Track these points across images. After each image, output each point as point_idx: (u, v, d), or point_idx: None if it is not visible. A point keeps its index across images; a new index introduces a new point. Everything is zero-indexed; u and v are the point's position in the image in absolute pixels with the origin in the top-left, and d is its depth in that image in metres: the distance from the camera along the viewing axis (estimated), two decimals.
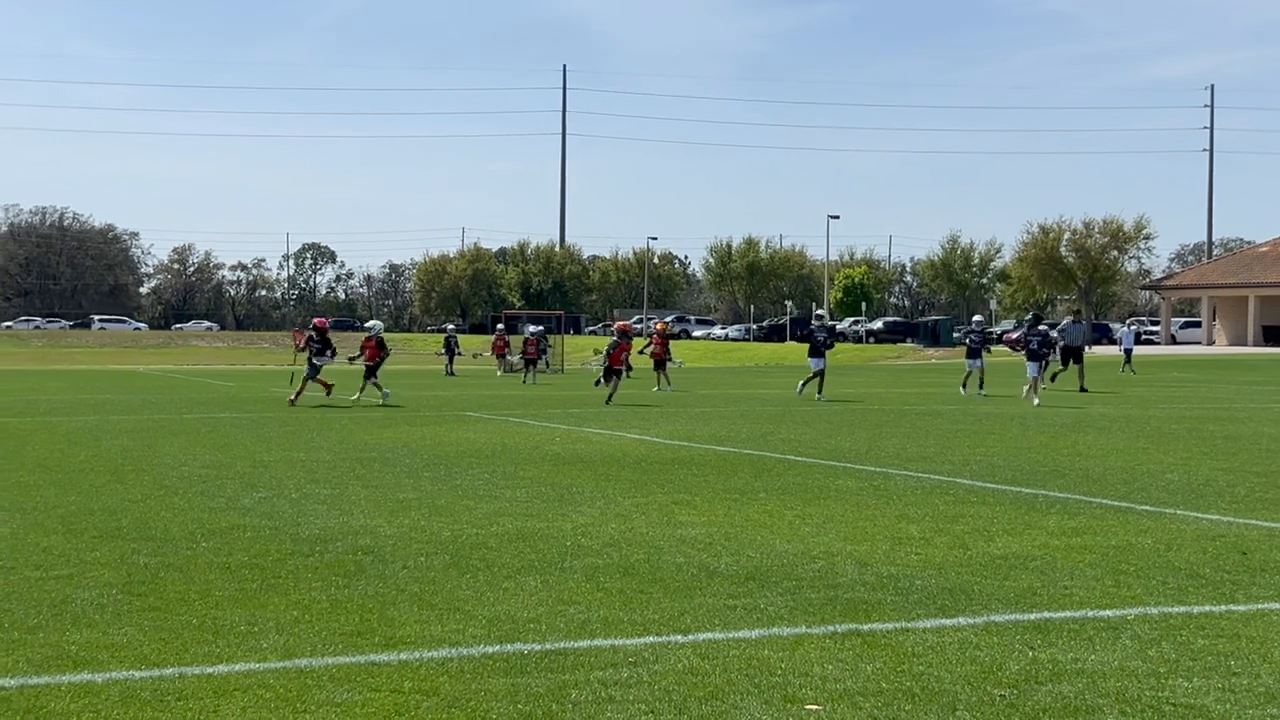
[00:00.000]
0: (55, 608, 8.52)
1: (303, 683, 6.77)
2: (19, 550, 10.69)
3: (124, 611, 8.43)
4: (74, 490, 14.78)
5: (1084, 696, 6.59)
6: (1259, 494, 14.74)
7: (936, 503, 13.86)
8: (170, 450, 19.89)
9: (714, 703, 6.43)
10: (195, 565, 10.07)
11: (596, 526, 12.02)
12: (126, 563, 10.13)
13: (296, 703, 6.42)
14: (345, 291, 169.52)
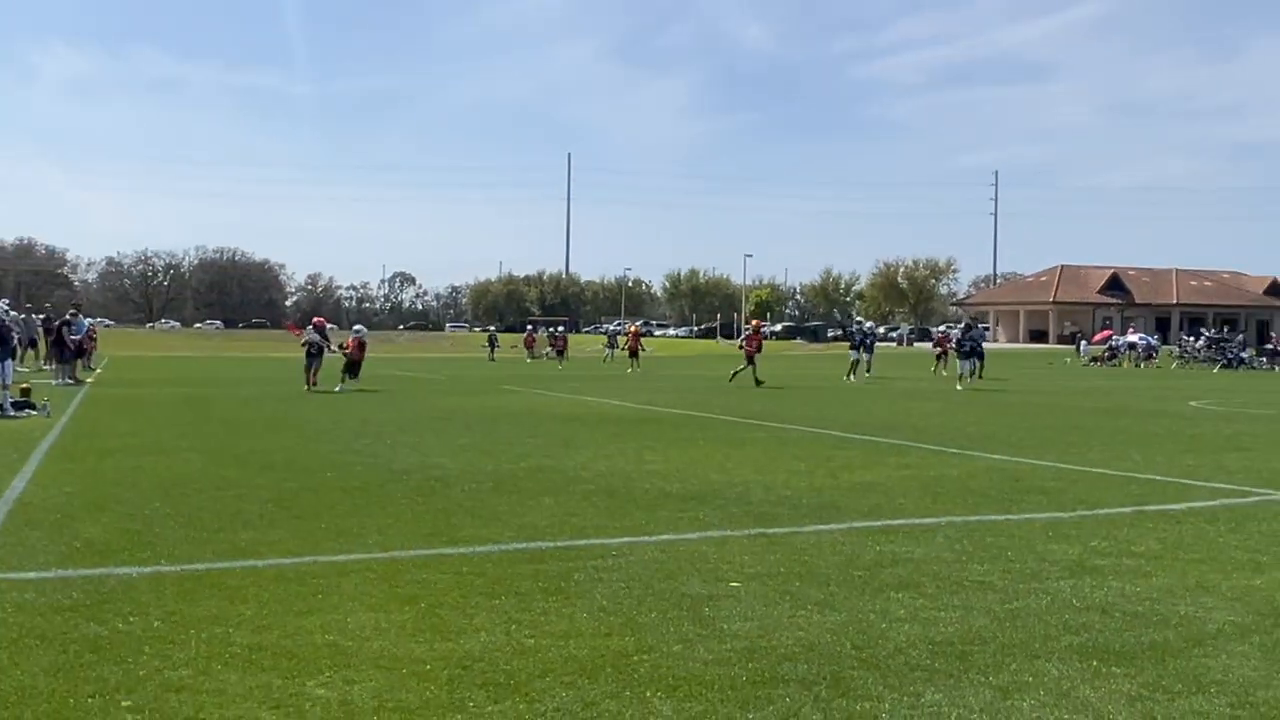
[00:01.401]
0: (231, 516, 8.48)
1: (395, 567, 6.75)
2: (206, 477, 10.63)
3: (276, 519, 8.39)
4: (243, 437, 14.69)
5: (912, 575, 6.59)
6: (1027, 440, 14.80)
7: (817, 447, 13.86)
8: (305, 410, 19.76)
9: (669, 581, 6.42)
10: (324, 488, 10.03)
11: (590, 463, 11.99)
12: (278, 487, 10.08)
13: (391, 579, 6.40)
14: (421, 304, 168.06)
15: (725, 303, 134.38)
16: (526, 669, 4.77)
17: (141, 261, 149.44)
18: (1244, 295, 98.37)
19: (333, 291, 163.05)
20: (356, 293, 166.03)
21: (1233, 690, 4.57)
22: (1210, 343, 52.31)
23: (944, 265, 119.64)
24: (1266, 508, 9.28)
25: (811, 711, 4.29)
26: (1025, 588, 6.32)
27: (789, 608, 5.83)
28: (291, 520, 8.34)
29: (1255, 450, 13.74)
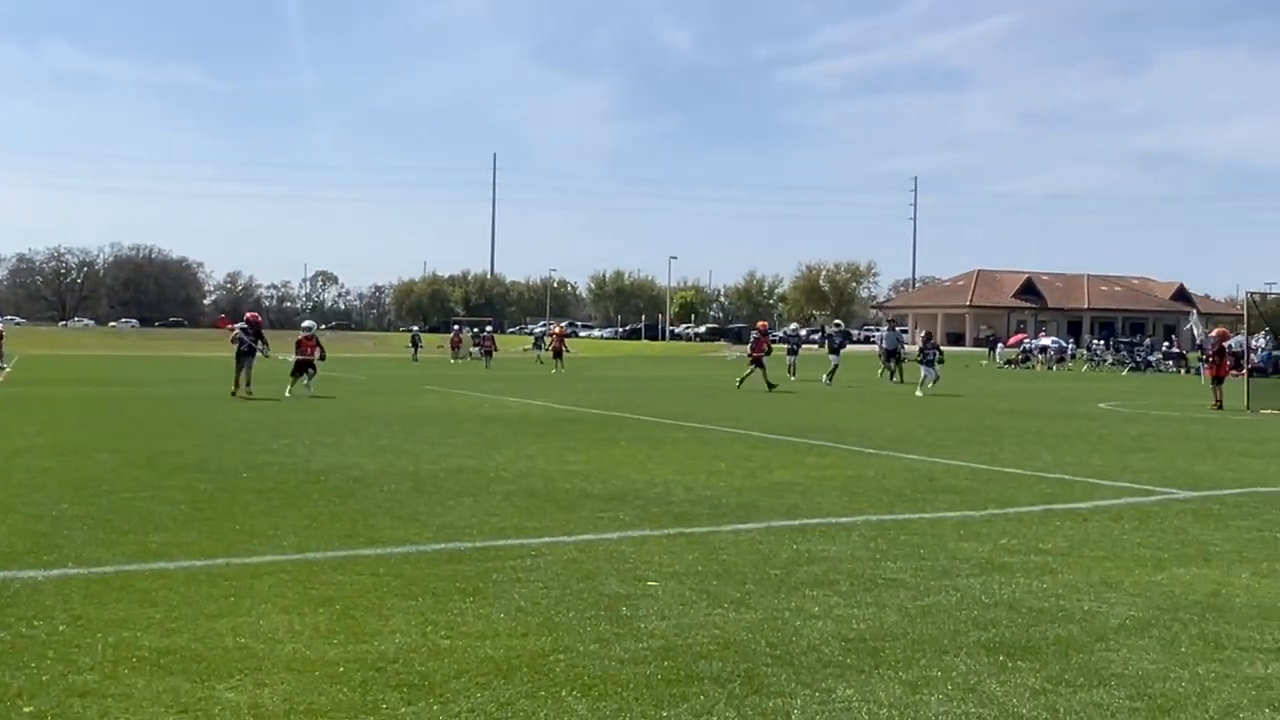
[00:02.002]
0: (142, 518, 8.29)
1: (310, 568, 6.66)
2: (117, 478, 10.39)
3: (189, 521, 8.23)
4: (157, 438, 14.38)
5: (827, 573, 6.66)
6: (942, 441, 15.05)
7: (737, 447, 13.95)
8: (221, 411, 19.41)
9: (588, 580, 6.42)
10: (238, 489, 9.86)
11: (511, 463, 11.94)
12: (191, 487, 9.89)
13: (306, 581, 6.31)
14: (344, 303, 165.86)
15: (650, 304, 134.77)
16: (441, 670, 4.74)
17: (54, 258, 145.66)
18: (1152, 300, 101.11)
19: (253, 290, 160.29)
20: (277, 291, 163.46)
21: (1131, 683, 4.69)
22: (1118, 346, 53.67)
23: (865, 269, 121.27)
24: (1169, 506, 9.54)
25: (725, 709, 4.32)
26: (936, 585, 6.42)
27: (705, 606, 5.86)
28: (204, 522, 8.18)
29: (1159, 451, 14.12)
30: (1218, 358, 23.49)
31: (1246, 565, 7.07)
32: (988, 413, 21.18)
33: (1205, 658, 5.06)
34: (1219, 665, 4.95)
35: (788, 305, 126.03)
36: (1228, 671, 4.86)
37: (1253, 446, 14.79)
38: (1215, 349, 23.64)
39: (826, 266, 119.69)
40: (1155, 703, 4.45)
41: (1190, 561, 7.17)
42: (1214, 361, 23.60)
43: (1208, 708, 4.40)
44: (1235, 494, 10.26)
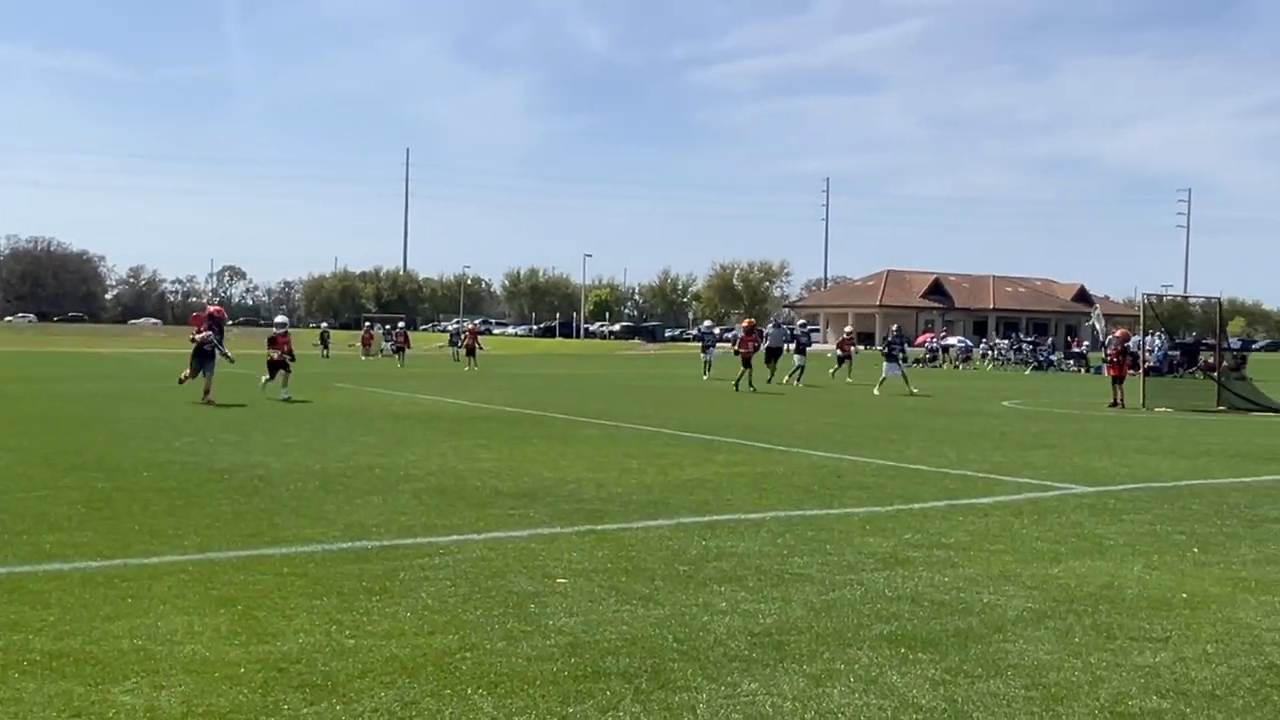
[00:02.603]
0: (36, 518, 8.04)
1: (211, 568, 6.52)
2: (11, 478, 10.06)
3: (85, 521, 8.00)
4: (52, 435, 13.96)
5: (736, 569, 6.72)
6: (851, 438, 15.27)
7: (650, 445, 14.00)
8: (123, 408, 18.92)
9: (496, 579, 6.39)
10: (138, 488, 9.61)
11: (422, 461, 11.83)
12: (88, 487, 9.62)
13: (207, 581, 6.18)
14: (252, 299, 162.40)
15: (565, 302, 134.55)
16: (346, 670, 4.68)
17: None
18: (1054, 301, 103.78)
19: (156, 285, 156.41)
20: (182, 286, 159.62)
21: (1027, 673, 4.82)
22: (1021, 345, 55.00)
23: (777, 268, 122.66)
24: (1067, 501, 9.80)
25: (631, 704, 4.34)
26: (841, 579, 6.52)
27: (614, 603, 5.87)
28: (101, 522, 7.97)
29: (1059, 447, 14.50)
30: (1119, 358, 24.19)
31: (1139, 558, 7.29)
32: (895, 410, 21.54)
33: (1098, 647, 5.22)
34: (1110, 655, 5.10)
35: (701, 304, 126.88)
36: (1119, 660, 5.02)
37: (1147, 443, 15.27)
38: (1118, 349, 24.34)
39: (740, 266, 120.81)
40: (1049, 692, 4.57)
41: (1086, 555, 7.38)
42: (1115, 361, 24.29)
43: (1099, 696, 4.54)
44: (1130, 489, 10.58)
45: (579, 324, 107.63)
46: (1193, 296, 62.65)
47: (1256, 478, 11.62)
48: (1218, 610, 5.95)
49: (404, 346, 46.52)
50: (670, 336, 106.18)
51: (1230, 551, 7.57)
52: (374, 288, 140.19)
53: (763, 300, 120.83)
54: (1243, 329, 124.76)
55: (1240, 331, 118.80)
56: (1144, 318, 27.71)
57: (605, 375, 37.58)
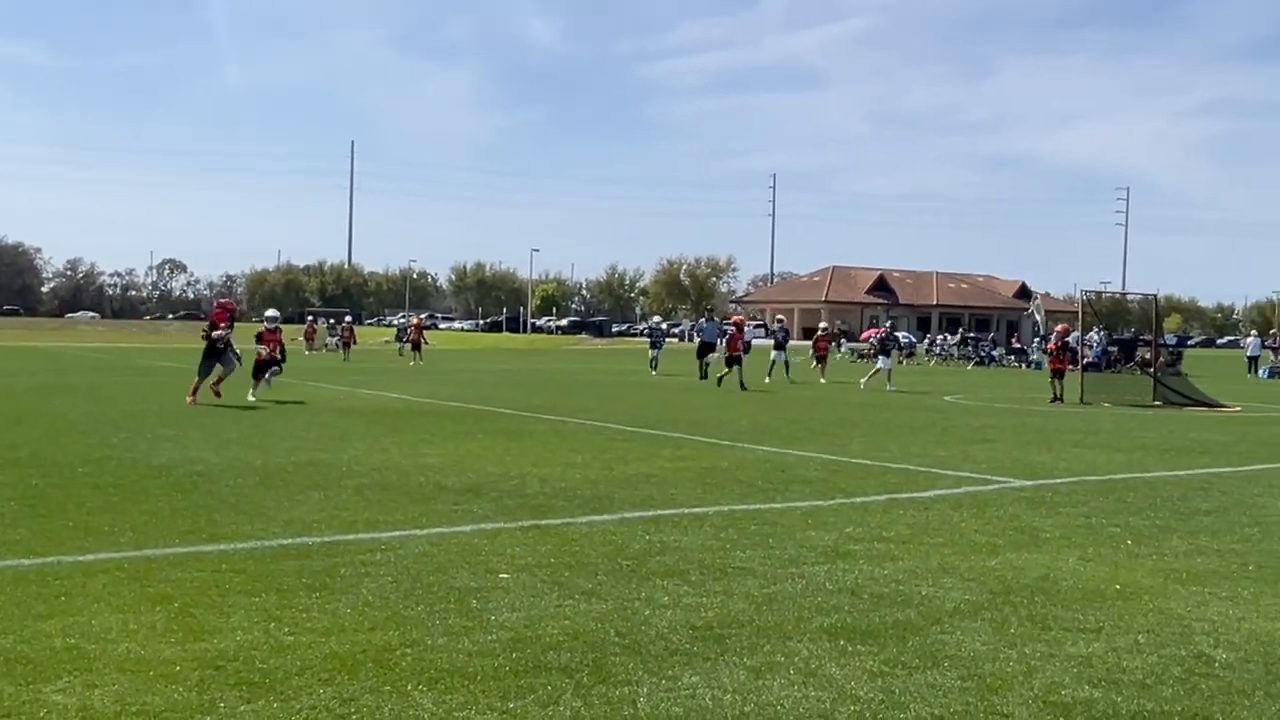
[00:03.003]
0: None
1: (148, 566, 6.43)
2: None
3: (19, 518, 7.85)
4: None
5: (679, 564, 6.75)
6: (795, 433, 15.38)
7: (595, 440, 14.00)
8: (60, 403, 18.56)
9: (439, 574, 6.36)
10: (73, 485, 9.44)
11: (365, 456, 11.73)
12: (22, 483, 9.43)
13: (143, 579, 6.09)
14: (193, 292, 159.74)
15: (512, 297, 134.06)
16: (283, 667, 4.64)
17: None
18: (996, 298, 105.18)
19: (95, 278, 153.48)
20: (121, 279, 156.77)
21: (964, 663, 4.89)
22: (964, 341, 55.68)
23: (724, 264, 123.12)
24: (1005, 494, 9.95)
25: (572, 698, 4.34)
26: (783, 572, 6.57)
27: (556, 597, 5.87)
28: (35, 519, 7.82)
29: (999, 441, 14.71)
30: (1059, 353, 24.56)
31: (1074, 550, 7.43)
32: (839, 405, 21.71)
33: (1033, 638, 5.31)
34: (1045, 645, 5.19)
35: (649, 299, 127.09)
36: (1052, 651, 5.11)
37: (1085, 437, 15.53)
38: (1058, 344, 24.71)
39: (687, 261, 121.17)
40: (985, 682, 4.65)
41: (1023, 547, 7.50)
42: (1056, 356, 24.65)
43: (1033, 686, 4.62)
44: (1067, 482, 10.76)
45: (526, 319, 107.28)
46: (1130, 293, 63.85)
47: (1189, 471, 11.87)
48: (1149, 601, 6.08)
49: (349, 341, 45.99)
50: (618, 332, 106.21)
51: (1162, 543, 7.73)
52: (318, 281, 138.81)
53: (710, 296, 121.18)
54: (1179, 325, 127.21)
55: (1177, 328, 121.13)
56: (1082, 314, 28.16)
57: (552, 370, 37.50)
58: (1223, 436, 16.05)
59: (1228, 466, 12.27)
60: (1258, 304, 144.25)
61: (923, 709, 4.32)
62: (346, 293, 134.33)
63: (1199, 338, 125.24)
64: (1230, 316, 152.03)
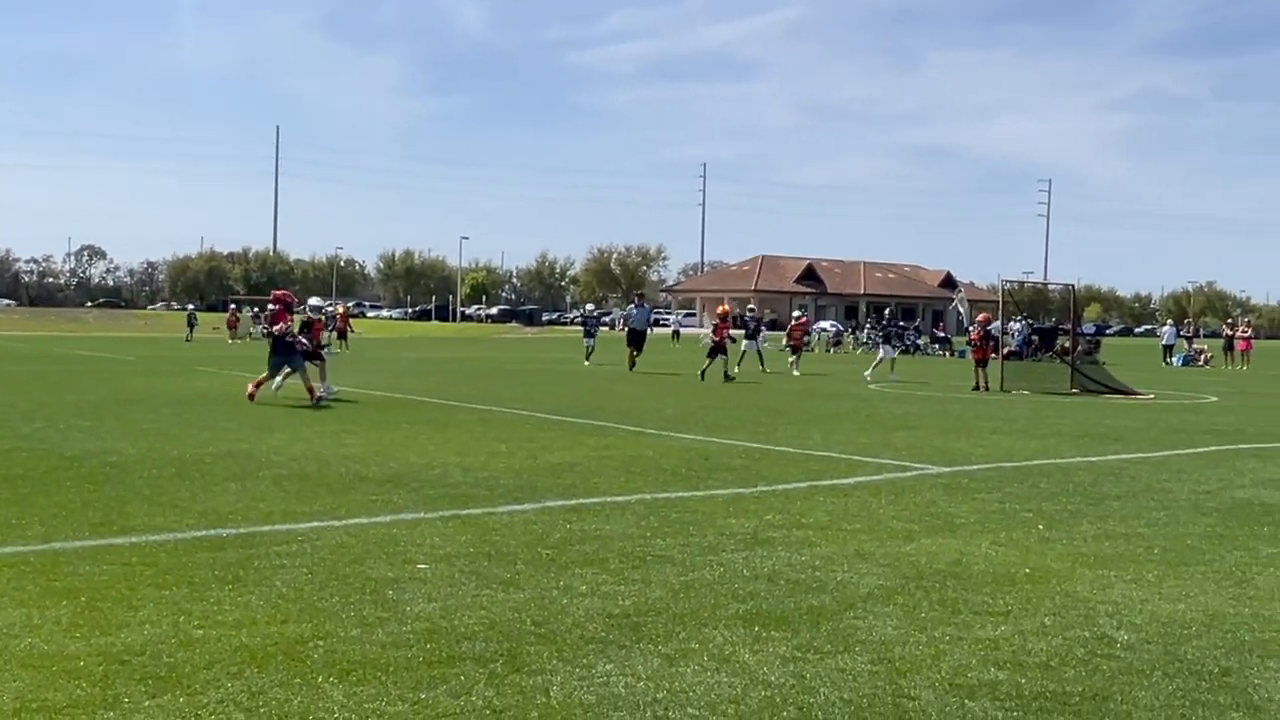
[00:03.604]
0: None
1: (56, 559, 6.28)
2: None
3: None
4: None
5: (598, 552, 6.76)
6: (721, 421, 15.47)
7: (520, 429, 13.95)
8: None
9: (355, 565, 6.31)
10: None
11: (285, 447, 11.57)
12: None
13: (50, 573, 5.95)
14: (113, 280, 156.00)
15: (441, 285, 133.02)
16: (191, 661, 4.57)
17: None
18: (922, 287, 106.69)
19: (10, 264, 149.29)
20: (38, 266, 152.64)
21: (874, 648, 4.96)
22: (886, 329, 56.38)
23: (655, 253, 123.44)
24: (923, 481, 10.11)
25: (485, 688, 4.33)
26: (702, 560, 6.61)
27: (474, 587, 5.85)
28: None
29: (920, 429, 14.93)
30: (981, 342, 24.96)
31: (987, 535, 7.57)
32: (766, 393, 21.88)
33: (943, 622, 5.40)
34: (954, 629, 5.29)
35: (580, 288, 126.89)
36: (961, 634, 5.21)
37: (1003, 424, 15.83)
38: (979, 334, 25.11)
39: (617, 250, 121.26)
40: (894, 666, 4.72)
41: (937, 533, 7.63)
42: (978, 345, 25.05)
43: (940, 669, 4.70)
44: (983, 469, 10.97)
45: (455, 307, 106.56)
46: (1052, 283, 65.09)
47: (1101, 457, 12.15)
48: (1057, 584, 6.22)
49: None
50: (548, 320, 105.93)
51: (1073, 528, 7.91)
52: (242, 269, 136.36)
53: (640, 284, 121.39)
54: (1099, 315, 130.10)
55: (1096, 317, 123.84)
56: (1002, 304, 28.67)
57: (481, 359, 37.27)
58: (1135, 423, 16.47)
59: (1139, 453, 12.59)
60: (1173, 294, 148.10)
61: (832, 693, 4.38)
62: (272, 280, 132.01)
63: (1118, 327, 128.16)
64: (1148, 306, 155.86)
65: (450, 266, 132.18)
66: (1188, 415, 18.43)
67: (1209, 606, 5.80)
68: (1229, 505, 9.02)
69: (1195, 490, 9.78)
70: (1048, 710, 4.25)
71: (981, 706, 4.27)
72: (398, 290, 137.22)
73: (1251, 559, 6.99)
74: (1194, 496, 9.44)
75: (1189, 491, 9.71)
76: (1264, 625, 5.47)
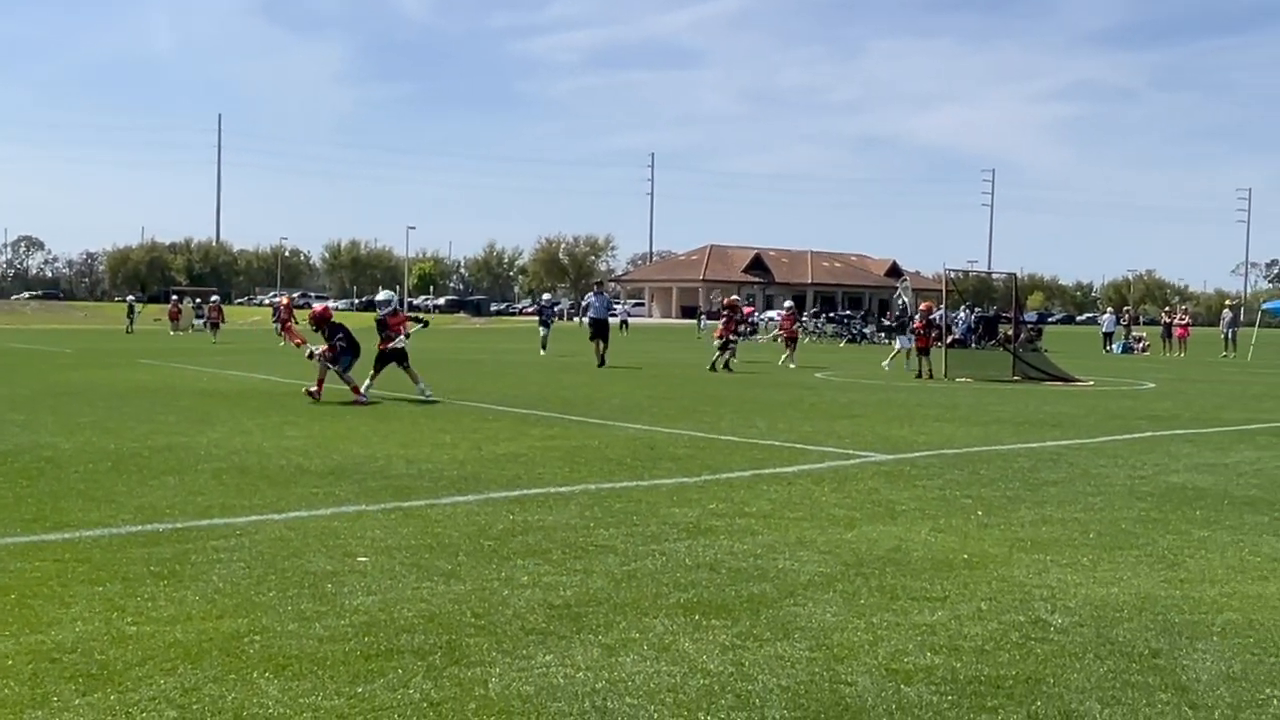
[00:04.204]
0: None
1: None
2: None
3: None
4: None
5: (541, 543, 6.75)
6: (666, 410, 15.49)
7: (466, 420, 13.88)
8: None
9: (294, 559, 6.24)
10: None
11: (225, 440, 11.42)
12: None
13: None
14: (52, 271, 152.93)
15: (388, 275, 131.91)
16: (124, 658, 4.50)
17: None
18: (868, 276, 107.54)
19: None
20: None
21: (813, 634, 5.00)
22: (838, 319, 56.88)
23: (603, 242, 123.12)
24: (866, 468, 10.20)
25: (422, 681, 4.31)
26: (645, 550, 6.62)
27: (414, 580, 5.82)
28: None
29: (864, 417, 15.06)
30: (925, 330, 25.21)
31: (927, 521, 7.66)
32: (711, 382, 21.94)
33: (881, 608, 5.46)
34: (892, 615, 5.35)
35: (528, 278, 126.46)
36: (899, 620, 5.26)
37: (945, 412, 16.01)
38: (922, 322, 25.36)
39: (566, 239, 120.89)
40: (832, 652, 4.76)
41: (878, 520, 7.70)
42: (921, 334, 25.30)
43: (878, 654, 4.75)
44: (924, 456, 11.08)
45: (402, 297, 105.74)
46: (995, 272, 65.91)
47: (1041, 443, 12.33)
48: (994, 569, 6.31)
49: (218, 321, 44.61)
50: (496, 311, 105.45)
51: (1011, 514, 8.02)
52: (184, 259, 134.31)
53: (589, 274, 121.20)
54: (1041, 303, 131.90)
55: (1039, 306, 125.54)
56: (945, 292, 28.97)
57: (427, 349, 36.93)
58: (1074, 410, 16.72)
59: (1077, 439, 12.79)
60: (1114, 282, 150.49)
61: (770, 680, 4.40)
62: (215, 271, 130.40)
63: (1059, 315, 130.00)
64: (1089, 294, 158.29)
65: (397, 256, 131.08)
66: (1126, 401, 18.75)
67: (1141, 589, 5.91)
68: (1163, 490, 9.19)
69: (1131, 475, 9.95)
70: (981, 694, 4.31)
71: (917, 691, 4.32)
72: (344, 281, 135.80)
73: (1183, 542, 7.13)
74: (1129, 481, 9.60)
75: (1125, 476, 9.88)
76: (1193, 607, 5.58)
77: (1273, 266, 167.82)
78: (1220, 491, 9.13)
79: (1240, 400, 19.38)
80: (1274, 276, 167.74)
